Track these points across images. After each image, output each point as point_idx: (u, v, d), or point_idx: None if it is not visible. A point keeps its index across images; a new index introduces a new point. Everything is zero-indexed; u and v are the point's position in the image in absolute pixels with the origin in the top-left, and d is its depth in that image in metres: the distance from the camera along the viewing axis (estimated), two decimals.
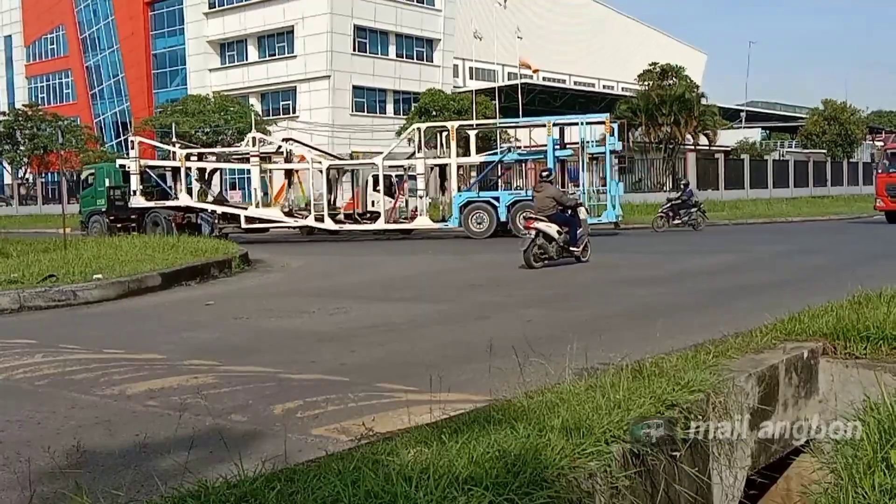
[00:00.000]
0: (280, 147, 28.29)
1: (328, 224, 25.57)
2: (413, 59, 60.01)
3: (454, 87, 58.59)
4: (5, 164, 62.07)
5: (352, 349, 7.18)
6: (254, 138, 27.03)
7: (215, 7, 60.40)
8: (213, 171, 28.48)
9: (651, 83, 45.65)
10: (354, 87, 56.53)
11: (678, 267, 14.85)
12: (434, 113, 46.27)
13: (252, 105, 54.98)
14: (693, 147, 45.81)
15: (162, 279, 12.48)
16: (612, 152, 24.12)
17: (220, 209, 27.04)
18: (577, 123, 24.66)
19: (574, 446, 3.34)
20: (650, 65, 46.85)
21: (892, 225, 26.79)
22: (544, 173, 16.49)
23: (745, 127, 63.05)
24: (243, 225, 26.14)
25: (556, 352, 5.06)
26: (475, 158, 26.20)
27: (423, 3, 59.97)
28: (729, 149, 52.05)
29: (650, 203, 37.34)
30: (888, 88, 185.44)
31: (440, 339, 7.73)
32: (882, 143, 70.70)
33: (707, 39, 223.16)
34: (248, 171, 27.60)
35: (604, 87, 70.60)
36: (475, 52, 58.56)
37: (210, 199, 28.24)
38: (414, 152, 25.99)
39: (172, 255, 14.84)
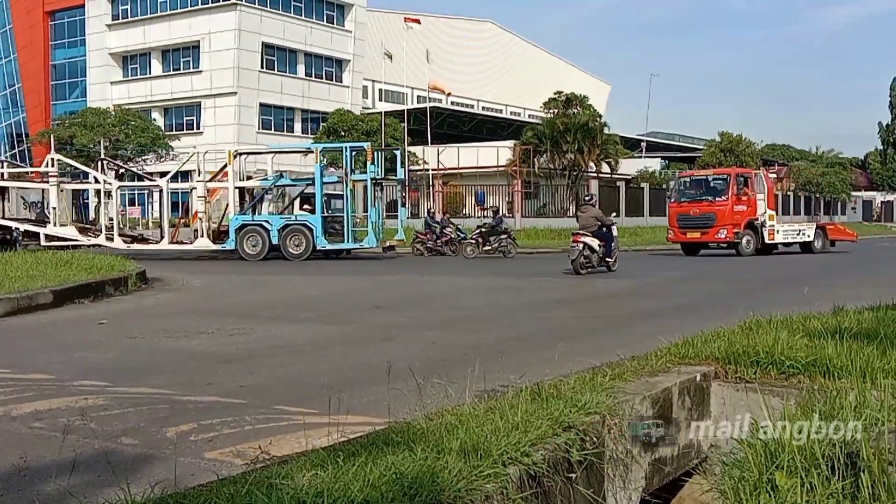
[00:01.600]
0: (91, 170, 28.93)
1: (118, 243, 25.84)
2: (322, 78, 59.85)
3: (363, 108, 58.62)
4: None
5: (250, 371, 7.04)
6: (51, 159, 27.45)
7: (119, 19, 59.02)
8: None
9: (556, 111, 46.55)
10: (262, 105, 56.00)
11: (578, 292, 15.12)
12: (343, 133, 46.15)
13: (154, 119, 53.82)
14: (596, 174, 46.90)
15: (54, 296, 12.01)
16: (372, 180, 25.17)
17: (22, 227, 27.40)
18: (341, 150, 26.01)
19: (471, 468, 3.33)
20: (555, 93, 47.78)
21: (807, 253, 27.16)
22: (587, 197, 20.20)
23: (645, 156, 64.87)
24: (43, 242, 26.15)
25: (458, 374, 5.07)
26: (251, 183, 27.19)
27: (333, 23, 59.94)
28: (630, 177, 53.46)
29: (554, 228, 38.05)
30: (781, 122, 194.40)
31: (342, 360, 7.65)
32: (774, 175, 73.13)
33: (611, 71, 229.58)
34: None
35: (511, 113, 71.71)
36: (385, 75, 58.79)
37: (32, 215, 28.76)
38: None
39: (65, 272, 14.32)
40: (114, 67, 59.93)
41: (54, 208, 26.43)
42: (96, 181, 27.50)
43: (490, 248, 25.67)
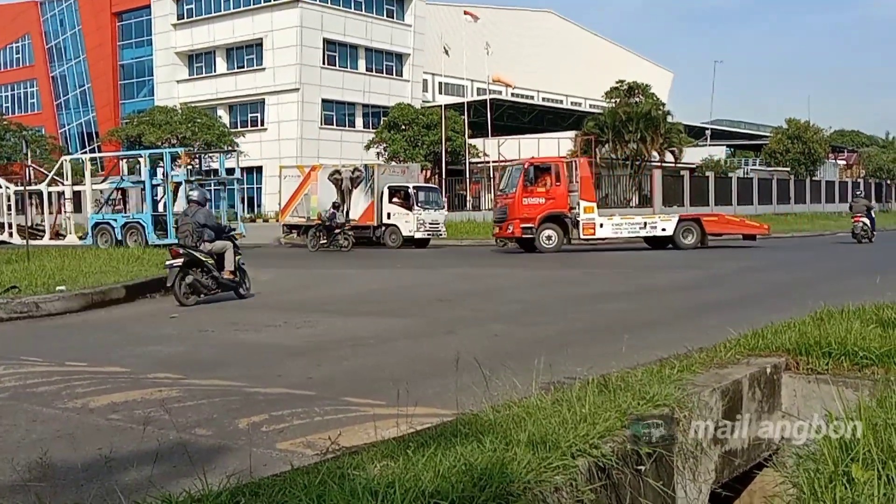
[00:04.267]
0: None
1: (16, 239, 28.51)
2: (382, 73, 60.06)
3: (423, 101, 58.68)
4: None
5: (318, 363, 7.15)
6: None
7: (184, 18, 60.09)
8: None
9: (618, 100, 46.04)
10: (323, 101, 56.43)
11: (641, 283, 14.96)
12: (403, 127, 46.29)
13: (220, 117, 54.67)
14: (659, 164, 46.26)
15: (126, 291, 12.34)
16: (186, 181, 26.31)
17: None
18: (161, 157, 28.11)
19: (540, 460, 3.34)
20: (617, 82, 47.25)
21: (853, 241, 26.22)
22: (858, 192, 30.08)
23: (710, 144, 63.72)
24: None
25: (523, 366, 5.07)
26: (103, 185, 29.57)
27: (393, 17, 60.11)
28: (694, 166, 52.56)
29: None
30: (849, 108, 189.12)
31: (407, 353, 7.71)
32: (843, 162, 70.38)
33: (673, 58, 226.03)
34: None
35: (572, 103, 71.07)
36: (444, 68, 58.78)
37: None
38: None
39: (137, 267, 14.70)
40: (180, 66, 61.02)
41: None
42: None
43: (326, 242, 26.91)
